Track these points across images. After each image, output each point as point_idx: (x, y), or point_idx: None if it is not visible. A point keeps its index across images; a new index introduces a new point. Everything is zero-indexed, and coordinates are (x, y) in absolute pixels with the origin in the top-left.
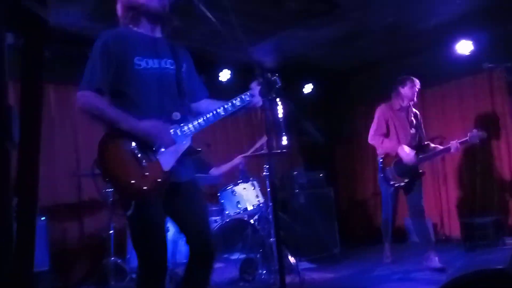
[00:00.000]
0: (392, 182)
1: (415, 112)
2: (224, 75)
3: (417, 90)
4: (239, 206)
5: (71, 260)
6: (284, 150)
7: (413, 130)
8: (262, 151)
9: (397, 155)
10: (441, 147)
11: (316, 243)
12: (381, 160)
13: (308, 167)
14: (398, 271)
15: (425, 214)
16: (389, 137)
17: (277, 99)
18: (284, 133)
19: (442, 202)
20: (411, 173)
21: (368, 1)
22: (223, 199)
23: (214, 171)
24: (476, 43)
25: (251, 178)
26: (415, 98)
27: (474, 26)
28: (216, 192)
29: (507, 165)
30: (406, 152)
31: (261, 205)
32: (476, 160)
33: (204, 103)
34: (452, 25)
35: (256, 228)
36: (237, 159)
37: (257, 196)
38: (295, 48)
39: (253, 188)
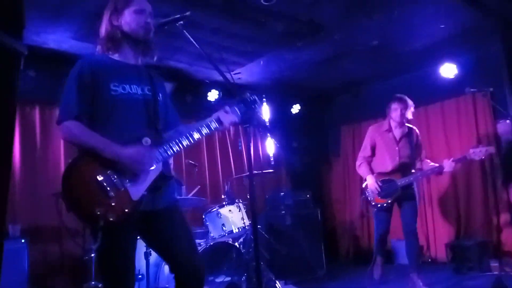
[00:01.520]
0: (373, 203)
1: (409, 129)
2: (212, 95)
3: (401, 111)
4: (224, 228)
5: (51, 283)
6: (269, 171)
7: (401, 150)
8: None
9: (379, 175)
10: (433, 166)
11: (302, 265)
12: (364, 181)
13: (295, 188)
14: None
15: (417, 236)
16: (375, 156)
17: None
18: (271, 137)
19: (428, 224)
20: (397, 194)
21: (352, 24)
22: (208, 221)
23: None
24: (460, 66)
25: (236, 200)
26: (402, 119)
27: (458, 49)
28: (200, 214)
29: (490, 187)
30: (369, 184)
31: (246, 227)
32: (460, 183)
33: (177, 131)
34: (436, 47)
35: (241, 251)
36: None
37: (242, 219)
38: (281, 69)
39: (238, 210)
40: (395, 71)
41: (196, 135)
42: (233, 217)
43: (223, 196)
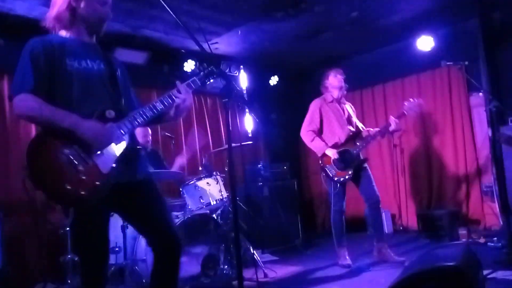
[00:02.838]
0: (335, 179)
1: (349, 105)
2: (189, 65)
3: (340, 78)
4: (201, 201)
5: (26, 258)
6: (247, 143)
7: (348, 120)
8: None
9: (334, 148)
10: (379, 129)
11: (279, 235)
12: (320, 159)
13: (273, 160)
14: (358, 265)
15: (381, 204)
16: (323, 129)
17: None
18: (246, 106)
19: (400, 194)
20: (354, 163)
21: None
22: (186, 193)
23: (172, 168)
24: (436, 39)
25: (214, 173)
26: (342, 86)
27: (435, 22)
28: (178, 186)
29: (462, 158)
30: (331, 155)
31: (224, 199)
32: (432, 153)
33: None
34: (414, 20)
35: (219, 223)
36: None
37: (220, 191)
38: (260, 41)
39: (216, 182)
40: (373, 44)
41: (159, 106)
42: (211, 190)
43: (200, 169)
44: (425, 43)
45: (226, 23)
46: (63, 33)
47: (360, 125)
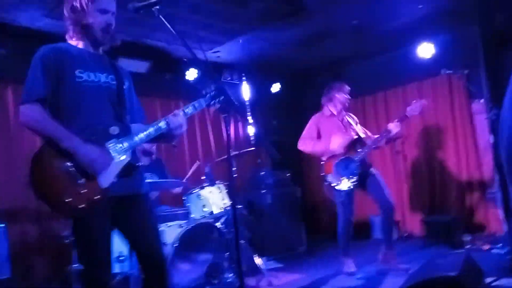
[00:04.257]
0: (337, 188)
1: (350, 116)
2: (191, 73)
3: (347, 96)
4: (204, 209)
5: (33, 267)
6: (249, 149)
7: (347, 130)
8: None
9: (334, 157)
10: (380, 134)
11: (283, 242)
12: (321, 168)
13: (275, 167)
14: (363, 271)
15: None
16: (322, 142)
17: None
18: (248, 121)
19: (403, 200)
20: (357, 170)
21: (333, 3)
22: (189, 202)
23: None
24: (437, 46)
25: (217, 181)
26: (346, 104)
27: (435, 29)
28: (181, 195)
29: (464, 165)
30: (337, 144)
31: (227, 208)
32: (435, 160)
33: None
34: (414, 28)
35: (222, 232)
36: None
37: (223, 199)
38: (261, 48)
39: (219, 191)
40: (374, 51)
41: (164, 126)
42: (214, 198)
43: (202, 178)
44: (425, 50)
45: (227, 31)
46: (76, 43)
47: (361, 134)
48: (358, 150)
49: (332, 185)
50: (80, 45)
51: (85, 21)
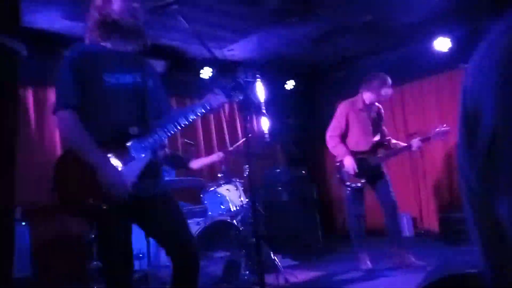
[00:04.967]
0: (347, 183)
1: (379, 108)
2: (206, 72)
3: (380, 91)
4: (222, 207)
5: (54, 265)
6: (265, 139)
7: (374, 129)
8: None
9: (352, 154)
10: (402, 145)
11: (299, 240)
12: (338, 160)
13: (291, 164)
14: (379, 269)
15: (398, 209)
16: (348, 135)
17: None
18: (264, 116)
19: (421, 197)
20: (369, 173)
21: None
22: (206, 200)
23: (193, 164)
24: (454, 40)
25: (234, 179)
26: (379, 99)
27: (452, 23)
28: (198, 192)
29: None
30: (349, 165)
31: (244, 205)
32: (453, 156)
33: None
34: (431, 21)
35: (239, 229)
36: (216, 155)
37: (240, 197)
38: (275, 46)
39: (235, 188)
40: (389, 46)
41: (183, 121)
42: (231, 196)
43: (219, 175)
44: (442, 44)
45: (242, 29)
46: (103, 43)
47: (386, 135)
48: (378, 154)
49: (343, 179)
50: (108, 45)
51: (112, 14)
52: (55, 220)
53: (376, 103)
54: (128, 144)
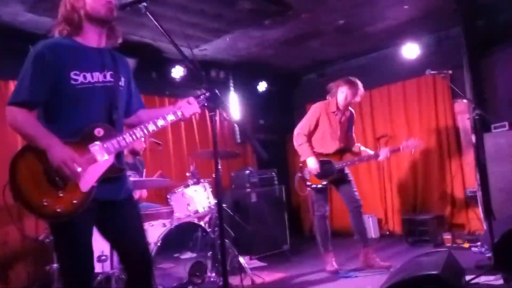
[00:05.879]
0: (308, 183)
1: (351, 113)
2: (177, 71)
3: (348, 96)
4: (189, 208)
5: (12, 267)
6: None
7: (342, 134)
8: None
9: (316, 156)
10: (369, 153)
11: (267, 241)
12: (302, 159)
13: (260, 166)
14: (345, 269)
15: (361, 208)
16: (315, 135)
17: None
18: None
19: (387, 199)
20: (332, 176)
21: (319, 4)
22: (173, 201)
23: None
24: (421, 47)
25: (202, 180)
26: (349, 103)
27: (420, 30)
28: (165, 193)
29: (447, 164)
30: (312, 166)
31: (212, 207)
32: (418, 159)
33: (141, 114)
34: (400, 28)
35: (207, 230)
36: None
37: (208, 198)
38: (248, 47)
39: (204, 190)
40: (359, 51)
41: (152, 127)
42: (199, 197)
43: (187, 174)
44: (410, 50)
45: (215, 30)
46: (76, 37)
47: (354, 141)
48: (342, 159)
49: (305, 178)
50: (80, 40)
51: (86, 8)
52: (11, 220)
53: (350, 108)
54: (92, 146)
